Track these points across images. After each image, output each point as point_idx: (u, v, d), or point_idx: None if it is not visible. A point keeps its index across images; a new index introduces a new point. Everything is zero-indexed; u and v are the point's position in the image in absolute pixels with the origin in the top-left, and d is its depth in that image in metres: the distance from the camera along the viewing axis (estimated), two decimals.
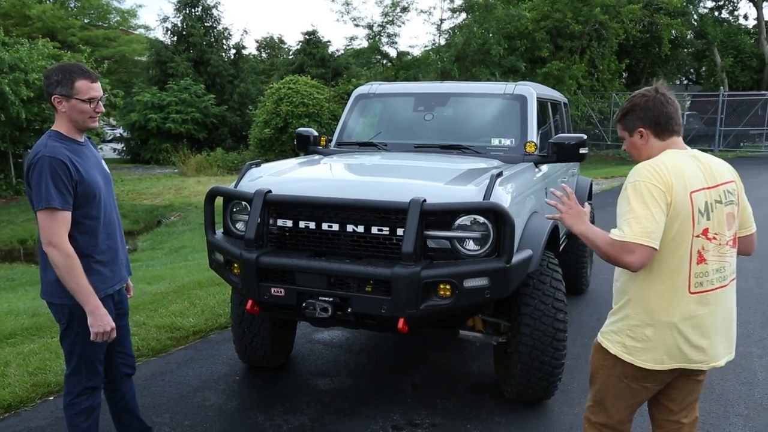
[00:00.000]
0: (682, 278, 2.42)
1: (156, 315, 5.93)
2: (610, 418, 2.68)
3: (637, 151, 2.60)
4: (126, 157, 31.39)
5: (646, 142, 2.55)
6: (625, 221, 2.36)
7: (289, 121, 21.98)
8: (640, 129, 2.55)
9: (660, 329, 2.45)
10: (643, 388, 2.57)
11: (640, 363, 2.49)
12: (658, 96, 2.51)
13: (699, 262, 2.42)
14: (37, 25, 28.65)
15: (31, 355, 4.95)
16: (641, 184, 2.37)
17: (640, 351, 2.48)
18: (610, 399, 2.65)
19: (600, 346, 2.65)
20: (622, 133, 2.65)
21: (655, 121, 2.51)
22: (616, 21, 25.44)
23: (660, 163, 2.42)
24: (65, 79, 2.84)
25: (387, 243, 3.61)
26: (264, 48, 46.45)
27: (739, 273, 7.48)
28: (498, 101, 5.16)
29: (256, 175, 4.17)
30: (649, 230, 2.31)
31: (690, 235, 2.40)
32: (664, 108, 2.50)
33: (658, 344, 2.46)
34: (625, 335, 2.52)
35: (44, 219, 2.77)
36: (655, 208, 2.33)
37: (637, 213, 2.33)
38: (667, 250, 2.39)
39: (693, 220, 2.39)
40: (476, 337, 4.14)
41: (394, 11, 24.81)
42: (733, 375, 4.66)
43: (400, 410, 4.10)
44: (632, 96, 2.60)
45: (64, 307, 2.94)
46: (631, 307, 2.50)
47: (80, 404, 3.07)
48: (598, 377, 2.68)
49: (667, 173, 2.38)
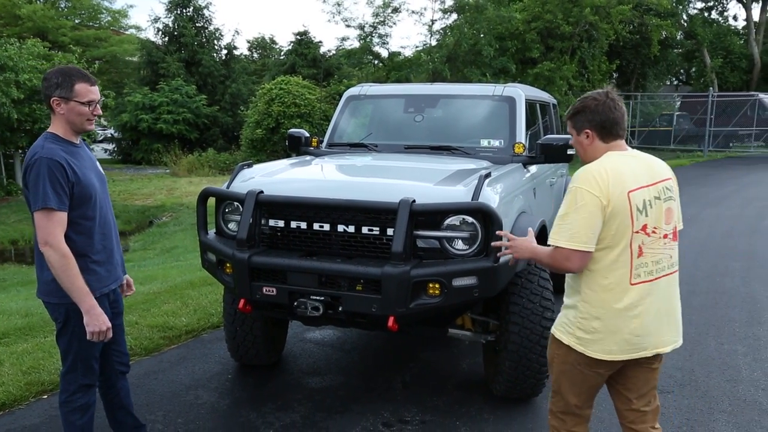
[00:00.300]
0: (623, 271, 2.56)
1: (148, 315, 5.97)
2: (567, 404, 2.80)
3: (582, 149, 2.77)
4: (117, 158, 31.31)
5: (591, 142, 2.70)
6: (558, 227, 2.57)
7: (281, 121, 21.99)
8: (586, 130, 2.70)
9: (606, 321, 2.59)
10: (596, 374, 2.71)
11: (590, 353, 2.63)
12: (607, 101, 2.65)
13: (639, 256, 2.57)
14: (28, 25, 28.53)
15: (25, 355, 4.98)
16: (577, 190, 2.55)
17: (590, 342, 2.62)
18: (566, 386, 2.78)
19: (554, 337, 2.79)
20: (570, 131, 2.80)
21: (601, 125, 2.66)
22: (606, 22, 25.58)
23: (600, 168, 2.57)
24: (65, 81, 2.89)
25: (377, 243, 3.67)
26: (255, 48, 46.40)
27: (726, 272, 7.60)
28: (487, 103, 5.23)
29: (248, 175, 4.22)
30: (580, 235, 2.51)
31: (629, 231, 2.55)
32: (611, 113, 2.64)
33: (606, 336, 2.60)
34: (576, 327, 2.66)
35: (41, 219, 2.82)
36: (585, 214, 2.51)
37: (570, 219, 2.54)
38: (609, 246, 2.55)
39: (632, 218, 2.54)
40: (465, 335, 4.21)
41: (385, 12, 24.85)
42: (718, 372, 4.75)
43: (390, 407, 4.17)
44: (584, 97, 2.73)
45: (61, 307, 2.98)
46: (580, 300, 2.65)
47: (76, 402, 3.11)
48: (554, 366, 2.82)
49: (603, 178, 2.53)
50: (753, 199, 14.17)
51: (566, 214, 2.55)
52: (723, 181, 17.75)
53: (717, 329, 5.70)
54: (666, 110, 30.75)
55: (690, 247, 9.28)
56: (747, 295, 6.79)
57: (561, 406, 2.83)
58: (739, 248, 9.15)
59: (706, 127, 26.09)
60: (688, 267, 8.04)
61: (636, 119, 28.41)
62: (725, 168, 21.68)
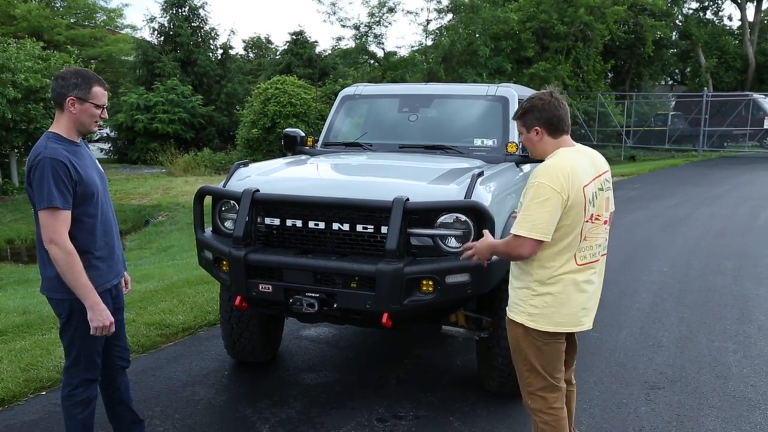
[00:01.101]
0: (571, 254, 2.86)
1: (145, 312, 6.01)
2: (545, 379, 3.00)
3: (532, 146, 2.99)
4: (113, 157, 31.27)
5: (540, 138, 2.94)
6: (520, 218, 2.81)
7: (277, 121, 22.04)
8: (536, 127, 2.92)
9: (557, 296, 2.88)
10: (556, 343, 2.98)
11: (542, 328, 2.90)
12: (552, 100, 2.90)
13: (582, 240, 2.87)
14: (22, 24, 28.51)
15: (23, 352, 5.03)
16: (541, 185, 2.76)
17: (541, 317, 2.90)
18: (537, 361, 2.98)
19: (510, 321, 3.03)
20: (520, 129, 3.02)
21: (549, 122, 2.90)
22: (601, 22, 25.69)
23: (559, 164, 2.82)
24: (84, 83, 2.97)
25: (371, 240, 3.72)
26: (251, 48, 46.40)
27: (718, 271, 7.68)
28: (480, 103, 5.29)
29: (244, 174, 4.27)
30: (542, 227, 2.75)
31: (582, 220, 2.84)
32: (556, 111, 2.89)
33: (557, 309, 2.89)
34: (528, 305, 2.92)
35: (46, 218, 2.88)
36: (549, 208, 2.74)
37: (532, 211, 2.76)
38: (564, 234, 2.81)
39: (585, 210, 2.83)
40: (459, 332, 4.27)
41: (381, 12, 24.90)
42: (708, 369, 4.82)
43: (384, 403, 4.22)
44: (530, 98, 2.97)
45: (65, 302, 3.04)
46: (532, 281, 2.90)
47: (78, 395, 3.17)
48: (521, 348, 3.00)
49: (565, 175, 2.77)
50: (747, 199, 14.26)
51: (529, 206, 2.77)
52: (717, 181, 17.85)
53: (708, 327, 5.77)
54: (661, 110, 30.82)
55: (683, 246, 9.37)
56: (738, 293, 6.86)
57: (540, 384, 3.00)
58: (732, 247, 9.23)
59: (701, 126, 26.16)
60: (681, 266, 8.12)
61: (631, 119, 28.48)
62: (719, 168, 21.79)
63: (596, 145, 27.33)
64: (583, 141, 25.22)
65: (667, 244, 9.52)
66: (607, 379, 4.64)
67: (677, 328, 5.75)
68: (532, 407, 3.07)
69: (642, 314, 6.14)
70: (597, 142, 27.62)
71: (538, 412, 3.04)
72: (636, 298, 6.65)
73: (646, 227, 10.91)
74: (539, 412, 3.04)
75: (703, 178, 18.57)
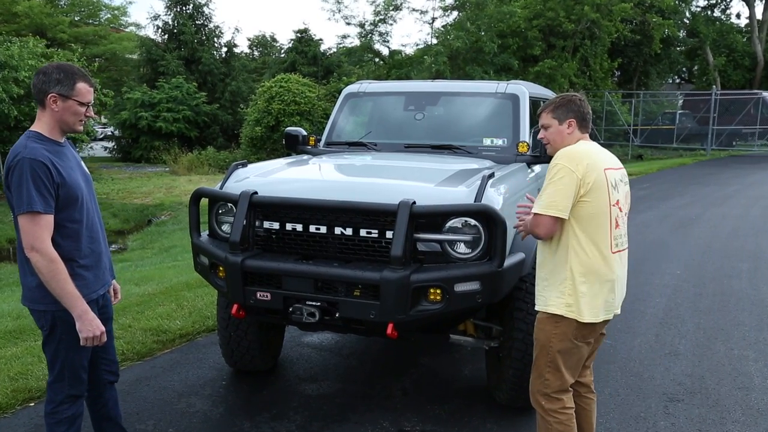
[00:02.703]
0: (605, 240, 2.93)
1: (142, 317, 5.82)
2: (564, 381, 3.03)
3: (560, 138, 3.07)
4: (117, 156, 31.14)
5: (572, 131, 3.06)
6: (541, 197, 2.91)
7: (281, 119, 21.86)
8: (570, 119, 3.05)
9: (592, 285, 2.92)
10: (586, 344, 3.04)
11: (582, 318, 2.92)
12: (584, 101, 3.11)
13: (616, 227, 2.97)
14: (25, 22, 28.36)
15: (13, 360, 4.84)
16: (558, 166, 2.89)
17: (581, 307, 2.92)
18: (563, 360, 3.00)
19: (545, 317, 3.03)
20: (549, 122, 3.09)
21: (582, 117, 3.07)
22: (608, 20, 25.42)
23: (576, 149, 2.96)
24: (67, 78, 2.76)
25: (376, 246, 3.52)
26: (256, 46, 46.26)
27: (733, 273, 7.46)
28: (490, 100, 5.07)
29: (242, 175, 4.07)
30: (557, 203, 2.85)
31: (607, 204, 2.92)
32: (587, 109, 3.10)
33: (591, 299, 2.92)
34: (566, 295, 2.94)
35: (26, 223, 2.67)
36: (562, 186, 2.85)
37: (549, 190, 2.88)
38: (591, 217, 2.90)
39: (608, 192, 2.92)
40: (468, 341, 4.06)
41: (386, 9, 24.69)
42: (729, 379, 4.60)
43: (389, 416, 4.02)
44: (565, 94, 3.14)
45: (47, 314, 2.84)
46: (568, 270, 2.93)
47: (62, 413, 2.97)
48: (550, 347, 3.00)
49: (580, 157, 2.89)
50: (758, 198, 14.01)
51: (546, 186, 2.90)
52: (727, 180, 17.59)
53: (726, 334, 5.55)
54: (668, 108, 30.54)
55: (695, 247, 9.13)
56: (756, 297, 6.63)
57: (557, 385, 3.02)
58: (745, 249, 8.99)
59: (709, 125, 25.89)
60: (694, 268, 7.89)
61: (638, 117, 28.20)
62: (728, 167, 21.51)
63: (603, 143, 26.92)
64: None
65: (679, 245, 9.29)
66: (623, 390, 4.42)
67: (694, 335, 5.53)
68: (546, 408, 3.06)
69: (656, 320, 5.92)
70: (604, 140, 27.33)
71: (553, 413, 3.04)
72: (649, 303, 6.43)
73: (656, 228, 10.68)
74: (554, 413, 3.04)
75: (713, 178, 18.30)
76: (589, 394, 3.31)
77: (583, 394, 3.28)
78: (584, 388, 3.29)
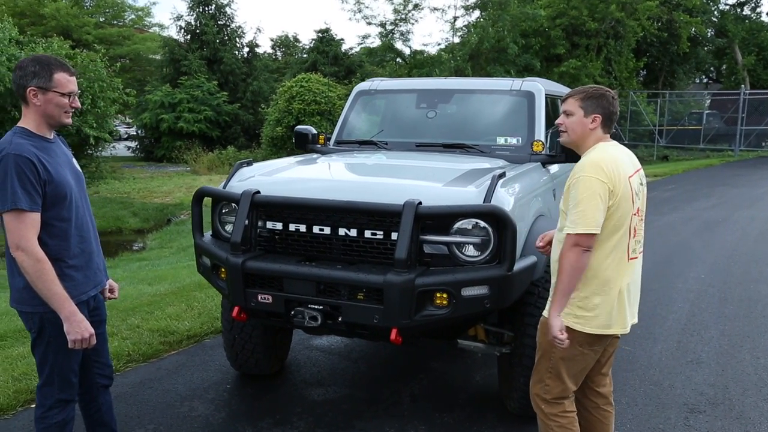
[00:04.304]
0: (623, 249, 2.80)
1: (151, 318, 5.74)
2: (565, 388, 2.92)
3: (581, 130, 2.90)
4: (139, 155, 31.37)
5: (595, 127, 2.89)
6: (576, 214, 2.71)
7: (302, 119, 21.78)
8: (596, 115, 2.88)
9: (607, 297, 2.79)
10: (592, 352, 2.90)
11: (590, 330, 2.80)
12: (614, 99, 2.93)
13: (634, 236, 2.84)
14: (51, 23, 28.67)
15: (19, 360, 4.78)
16: (587, 179, 2.71)
17: (590, 319, 2.80)
18: (565, 368, 2.89)
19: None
20: (575, 110, 2.90)
21: (609, 116, 2.90)
22: (634, 18, 24.99)
23: (602, 158, 2.77)
24: (43, 70, 2.66)
25: (381, 248, 3.38)
26: (279, 46, 46.33)
27: (760, 278, 7.19)
28: (504, 98, 4.91)
29: (246, 174, 3.96)
30: (595, 219, 2.69)
31: (630, 213, 2.79)
32: (616, 109, 2.93)
33: (604, 311, 2.79)
34: (575, 307, 2.81)
35: (11, 221, 2.58)
36: (597, 200, 2.69)
37: (584, 206, 2.69)
38: (614, 228, 2.76)
39: (632, 201, 2.80)
40: (477, 347, 3.90)
41: (406, 9, 24.56)
42: (754, 390, 4.39)
43: (396, 424, 3.88)
44: (600, 87, 2.94)
45: (35, 316, 2.75)
46: (582, 281, 2.78)
47: (52, 418, 2.88)
48: (553, 352, 2.88)
49: (608, 166, 2.73)
50: None
51: (578, 202, 2.71)
52: (756, 182, 17.16)
53: (752, 341, 5.32)
54: (695, 108, 29.96)
55: (721, 250, 8.86)
56: None
57: (558, 392, 2.92)
58: None
59: (738, 125, 25.35)
60: (720, 272, 7.64)
61: (664, 118, 27.71)
62: (757, 168, 21.03)
63: (627, 144, 26.57)
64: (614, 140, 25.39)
65: (704, 248, 9.02)
66: (642, 400, 4.24)
67: (718, 342, 5.31)
68: (546, 412, 2.97)
69: (679, 326, 5.70)
70: (628, 141, 26.91)
71: (554, 416, 2.95)
72: (672, 308, 6.21)
73: (681, 230, 10.40)
74: (555, 417, 2.95)
75: (741, 179, 17.88)
76: (607, 407, 3.13)
77: (601, 405, 3.11)
78: (602, 399, 3.12)
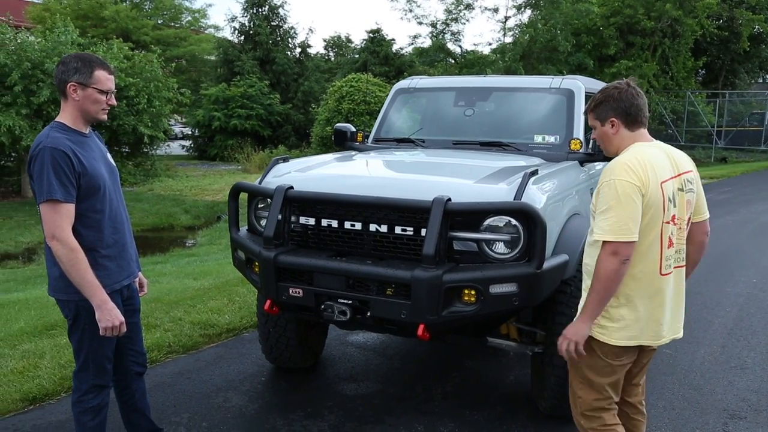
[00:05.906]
0: (653, 261, 2.61)
1: (193, 311, 5.88)
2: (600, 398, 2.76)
3: (608, 140, 2.75)
4: (193, 154, 32.08)
5: (617, 131, 2.70)
6: (606, 221, 2.52)
7: (351, 119, 21.92)
8: (612, 119, 2.69)
9: (634, 309, 2.62)
10: (621, 364, 2.72)
11: (613, 342, 2.65)
12: (629, 89, 2.67)
13: (669, 246, 2.63)
14: (112, 26, 29.53)
15: (66, 348, 4.96)
16: (617, 182, 2.53)
17: (615, 330, 2.65)
18: (595, 377, 2.73)
19: None
20: (593, 123, 2.77)
21: (626, 112, 2.66)
22: (692, 16, 24.31)
23: (633, 159, 2.58)
24: (85, 67, 2.78)
25: (411, 244, 3.40)
26: (331, 47, 46.71)
27: None
28: (543, 96, 4.86)
29: (282, 170, 4.03)
30: (629, 227, 2.49)
31: (660, 221, 2.58)
32: (634, 100, 2.66)
33: (631, 323, 2.63)
34: (601, 317, 2.65)
35: (47, 212, 2.70)
36: (631, 204, 2.50)
37: (616, 212, 2.50)
38: (641, 235, 2.55)
39: (664, 209, 2.58)
40: (509, 345, 3.88)
41: (458, 8, 24.46)
42: None
43: (425, 420, 3.89)
44: (605, 88, 2.75)
45: (71, 303, 2.87)
46: None
47: (87, 402, 2.99)
48: (579, 360, 2.73)
49: (640, 169, 2.54)
50: None
51: (609, 208, 2.52)
52: None
53: None
54: (757, 109, 28.95)
55: None
56: None
57: (594, 401, 2.77)
58: None
59: None
60: None
61: (723, 119, 26.88)
62: None
63: (684, 145, 25.91)
64: (669, 142, 24.16)
65: (758, 252, 8.73)
66: (680, 404, 4.14)
67: (765, 347, 5.14)
68: (585, 426, 2.83)
69: (725, 330, 5.54)
70: (685, 142, 26.20)
71: (593, 431, 2.80)
72: (719, 312, 6.04)
73: (734, 233, 10.09)
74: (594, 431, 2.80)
75: None
76: (638, 416, 2.99)
77: (631, 415, 2.97)
78: (632, 408, 2.98)
